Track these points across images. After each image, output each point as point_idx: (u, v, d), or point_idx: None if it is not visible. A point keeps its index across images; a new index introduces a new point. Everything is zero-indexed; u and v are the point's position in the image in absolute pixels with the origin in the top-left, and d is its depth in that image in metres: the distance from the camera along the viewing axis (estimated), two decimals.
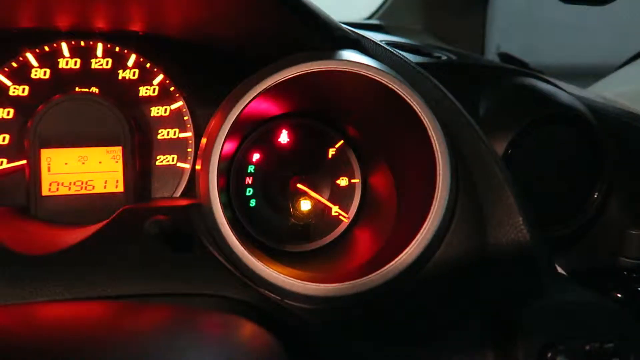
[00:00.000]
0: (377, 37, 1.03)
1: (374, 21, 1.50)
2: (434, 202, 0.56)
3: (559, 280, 0.55)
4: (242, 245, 0.57)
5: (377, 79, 0.60)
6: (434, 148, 0.57)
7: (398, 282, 0.54)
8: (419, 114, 0.58)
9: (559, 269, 0.59)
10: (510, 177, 0.59)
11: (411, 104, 0.58)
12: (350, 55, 0.64)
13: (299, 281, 0.56)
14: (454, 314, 0.54)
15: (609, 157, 0.81)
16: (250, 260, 0.57)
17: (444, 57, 0.86)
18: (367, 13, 1.58)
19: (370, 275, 0.55)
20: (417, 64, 0.74)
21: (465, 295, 0.56)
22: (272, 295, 0.57)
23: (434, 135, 0.57)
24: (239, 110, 0.61)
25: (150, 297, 0.52)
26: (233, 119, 0.61)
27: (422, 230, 0.55)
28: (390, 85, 0.59)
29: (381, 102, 0.65)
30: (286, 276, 0.56)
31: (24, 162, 0.69)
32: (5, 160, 0.71)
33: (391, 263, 0.54)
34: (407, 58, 0.71)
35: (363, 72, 0.61)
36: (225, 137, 0.61)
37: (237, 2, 0.63)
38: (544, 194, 0.80)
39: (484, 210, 0.57)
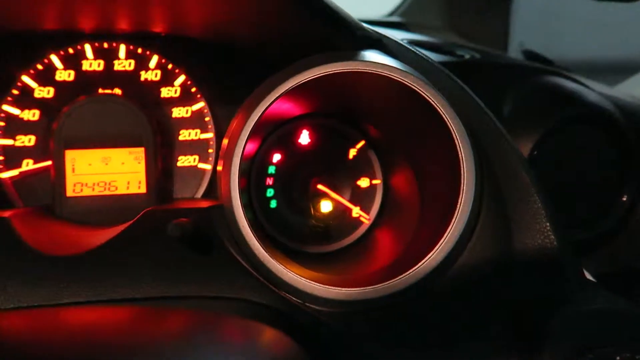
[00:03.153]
0: (398, 35, 1.02)
1: (394, 18, 1.48)
2: (458, 206, 0.55)
3: (587, 286, 0.53)
4: (263, 247, 0.57)
5: (399, 79, 0.59)
6: (459, 150, 0.56)
7: (421, 286, 0.54)
8: (443, 115, 0.57)
9: (587, 274, 0.57)
10: (536, 180, 0.58)
11: (435, 105, 0.57)
12: (372, 55, 0.63)
13: (321, 285, 0.56)
14: (477, 319, 0.53)
15: (637, 158, 0.79)
16: (272, 263, 0.57)
17: (467, 56, 0.85)
18: (387, 10, 1.57)
19: (392, 280, 0.54)
20: (440, 63, 0.73)
21: (490, 301, 0.55)
22: (293, 298, 0.57)
23: (458, 137, 0.56)
24: (261, 112, 0.61)
25: (172, 299, 0.52)
26: (255, 120, 0.61)
27: (445, 235, 0.54)
28: (413, 86, 0.58)
29: (404, 102, 0.64)
30: (307, 279, 0.56)
31: (49, 162, 0.70)
32: (31, 161, 0.72)
33: (414, 268, 0.54)
34: (429, 57, 0.70)
35: (385, 73, 0.60)
36: (247, 138, 0.61)
37: (259, 2, 0.62)
38: (569, 196, 0.78)
39: (509, 214, 0.56)
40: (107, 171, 0.71)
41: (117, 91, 0.74)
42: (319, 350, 0.48)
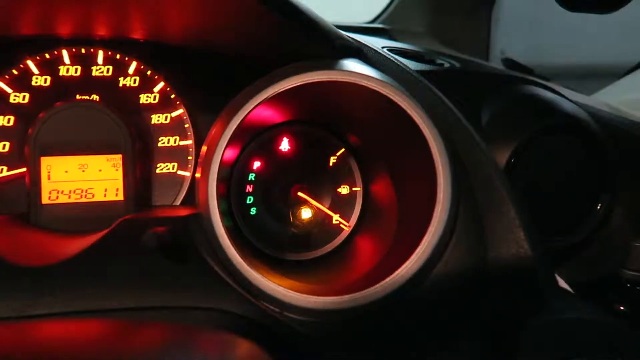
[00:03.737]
0: (380, 41, 1.02)
1: (377, 25, 1.49)
2: (434, 215, 0.55)
3: (561, 296, 0.54)
4: (241, 256, 0.57)
5: (378, 90, 0.60)
6: (435, 160, 0.57)
7: (397, 296, 0.54)
8: (420, 125, 0.58)
9: (562, 283, 0.58)
10: (511, 190, 0.58)
11: (412, 115, 0.58)
12: (351, 65, 0.64)
13: (298, 294, 0.56)
14: (453, 329, 0.53)
15: (613, 168, 0.80)
16: (249, 272, 0.57)
17: (447, 65, 0.86)
18: (366, 17, 1.58)
19: (369, 289, 0.54)
20: (419, 71, 0.73)
21: (465, 311, 0.55)
22: (271, 307, 0.56)
23: (435, 147, 0.57)
24: (240, 119, 0.61)
25: (146, 310, 0.52)
26: (234, 127, 0.61)
27: (422, 244, 0.54)
28: (391, 97, 0.59)
29: (382, 112, 0.64)
30: (285, 288, 0.56)
31: (24, 169, 0.69)
32: (5, 168, 0.71)
33: (390, 277, 0.54)
34: (408, 67, 0.71)
35: (364, 83, 0.61)
36: (226, 145, 0.61)
37: (237, 10, 0.62)
38: (546, 205, 0.79)
39: (484, 224, 0.57)
40: (84, 178, 0.70)
41: (95, 97, 0.73)
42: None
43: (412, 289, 0.54)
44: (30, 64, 0.71)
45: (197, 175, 0.65)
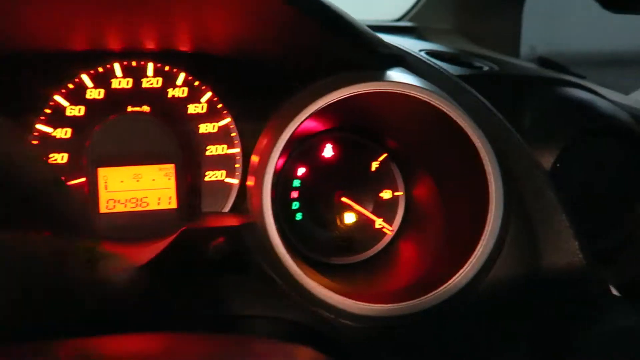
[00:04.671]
0: (413, 43, 1.03)
1: (406, 23, 1.49)
2: (486, 225, 0.56)
3: (614, 304, 0.55)
4: (296, 264, 0.59)
5: (426, 100, 0.61)
6: (486, 170, 0.58)
7: (448, 305, 0.55)
8: (470, 135, 0.59)
9: (613, 291, 0.59)
10: (560, 197, 0.59)
11: (462, 126, 0.59)
12: (397, 75, 0.65)
13: (354, 301, 0.58)
14: (505, 338, 0.54)
15: None
16: (305, 280, 0.59)
17: (485, 68, 0.86)
18: (392, 15, 1.58)
19: (423, 297, 0.56)
20: (459, 76, 0.74)
21: (516, 320, 0.57)
22: (326, 314, 0.58)
23: (486, 157, 0.58)
24: (292, 130, 0.63)
25: (207, 320, 0.54)
26: (286, 139, 0.63)
27: (474, 254, 0.56)
28: (439, 107, 0.60)
29: (427, 120, 0.65)
30: (341, 296, 0.58)
31: (83, 180, 0.72)
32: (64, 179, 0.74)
33: (442, 286, 0.55)
34: (450, 74, 0.72)
35: (412, 93, 0.62)
36: (279, 156, 0.63)
37: (281, 21, 0.64)
38: (587, 208, 0.79)
39: (535, 233, 0.58)
40: (138, 187, 0.73)
41: (146, 108, 0.76)
42: None
43: (463, 299, 0.56)
44: (84, 77, 0.74)
45: (249, 183, 0.67)
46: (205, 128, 0.77)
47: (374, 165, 0.81)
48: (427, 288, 0.58)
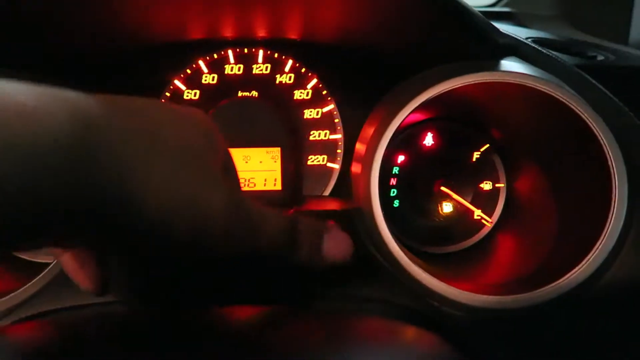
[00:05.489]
0: (510, 29, 0.99)
1: (502, 9, 1.43)
2: (609, 218, 0.54)
3: None
4: (403, 252, 0.60)
5: (545, 91, 0.59)
6: (610, 166, 0.55)
7: (565, 299, 0.54)
8: (594, 128, 0.57)
9: None
10: None
11: (587, 120, 0.57)
12: (514, 65, 0.63)
13: (460, 290, 0.58)
14: (625, 335, 0.53)
15: None
16: (411, 266, 0.60)
17: (600, 57, 0.82)
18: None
19: (535, 291, 0.55)
20: (577, 66, 0.71)
21: (632, 320, 0.54)
22: (432, 301, 0.59)
23: (610, 153, 0.55)
24: (402, 119, 0.63)
25: (323, 299, 0.57)
26: (395, 128, 0.63)
27: (595, 247, 0.54)
28: (563, 100, 0.58)
29: (544, 112, 0.63)
30: (446, 284, 0.58)
31: None
32: None
33: (561, 279, 0.54)
34: (569, 64, 0.69)
35: (530, 83, 0.60)
36: (387, 145, 0.64)
37: (395, 8, 0.64)
38: None
39: None
40: (247, 169, 0.77)
41: (254, 93, 0.79)
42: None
43: (582, 293, 0.54)
44: (201, 63, 0.79)
45: (355, 170, 0.69)
46: (309, 114, 0.80)
47: (475, 155, 0.80)
48: (539, 282, 0.57)
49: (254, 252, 0.40)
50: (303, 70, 0.79)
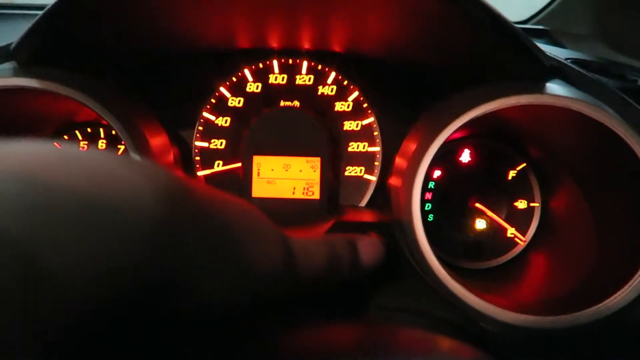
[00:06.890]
0: (545, 48, 1.00)
1: (535, 26, 1.43)
2: None
3: None
4: (442, 267, 0.61)
5: (592, 116, 0.60)
6: None
7: (606, 323, 0.55)
8: (638, 153, 0.57)
9: None
10: None
11: (629, 143, 0.57)
12: (560, 89, 0.64)
13: (498, 308, 0.59)
14: None
15: None
16: (449, 281, 0.61)
17: None
18: (519, 15, 1.52)
19: (575, 313, 0.56)
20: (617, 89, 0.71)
21: None
22: (469, 317, 0.60)
23: None
24: (446, 136, 0.64)
25: (364, 309, 0.58)
26: (440, 144, 0.64)
27: (637, 275, 0.54)
28: (607, 124, 0.59)
29: (587, 134, 0.64)
30: (485, 301, 0.59)
31: (239, 164, 0.79)
32: (221, 162, 0.82)
33: (602, 303, 0.55)
34: (613, 88, 0.69)
35: (575, 107, 0.61)
36: (430, 161, 0.65)
37: (443, 24, 0.64)
38: None
39: None
40: (287, 177, 0.78)
41: (296, 103, 0.81)
42: None
43: (623, 317, 0.55)
44: (246, 72, 0.81)
45: (394, 183, 0.71)
46: (349, 125, 0.82)
47: (511, 173, 0.80)
48: (573, 304, 0.57)
49: (312, 287, 0.42)
50: (345, 82, 0.81)
